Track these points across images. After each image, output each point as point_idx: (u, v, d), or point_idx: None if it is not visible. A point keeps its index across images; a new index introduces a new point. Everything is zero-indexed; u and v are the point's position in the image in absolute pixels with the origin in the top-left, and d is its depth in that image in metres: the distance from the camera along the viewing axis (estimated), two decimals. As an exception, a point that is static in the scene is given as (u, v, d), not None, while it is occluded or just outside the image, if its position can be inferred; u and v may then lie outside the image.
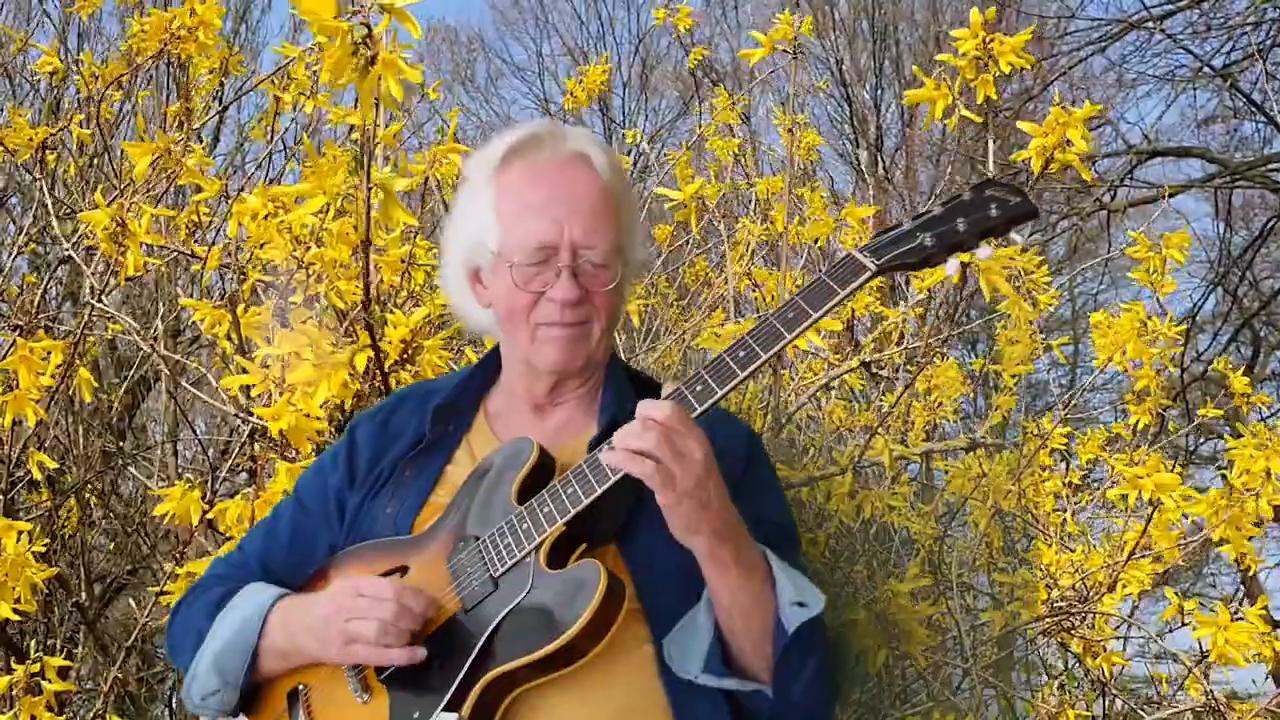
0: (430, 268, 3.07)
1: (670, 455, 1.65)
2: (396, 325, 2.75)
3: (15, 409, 2.97)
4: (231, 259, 2.93)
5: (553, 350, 1.93)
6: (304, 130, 4.69)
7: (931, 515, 3.44)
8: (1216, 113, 11.66)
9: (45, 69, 4.32)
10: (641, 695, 1.79)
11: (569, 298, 1.89)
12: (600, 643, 1.71)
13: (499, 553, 1.80)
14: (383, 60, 1.97)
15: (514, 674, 1.73)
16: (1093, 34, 10.20)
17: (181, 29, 3.46)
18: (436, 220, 4.54)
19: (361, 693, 1.83)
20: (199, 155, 3.29)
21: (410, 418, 2.06)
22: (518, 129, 2.00)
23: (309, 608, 1.89)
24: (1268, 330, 12.56)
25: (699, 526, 1.70)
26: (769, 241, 4.62)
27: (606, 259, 1.91)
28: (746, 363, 1.74)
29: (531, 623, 1.73)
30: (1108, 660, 3.57)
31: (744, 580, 1.75)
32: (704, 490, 1.67)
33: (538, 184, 1.92)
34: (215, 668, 1.92)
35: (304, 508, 2.08)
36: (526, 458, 1.86)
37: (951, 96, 2.69)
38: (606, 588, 1.70)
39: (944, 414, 5.05)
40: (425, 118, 6.47)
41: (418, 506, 1.95)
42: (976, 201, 1.79)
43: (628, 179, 2.02)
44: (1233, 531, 3.23)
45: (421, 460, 2.00)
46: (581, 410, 2.00)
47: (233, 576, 2.05)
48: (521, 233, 1.90)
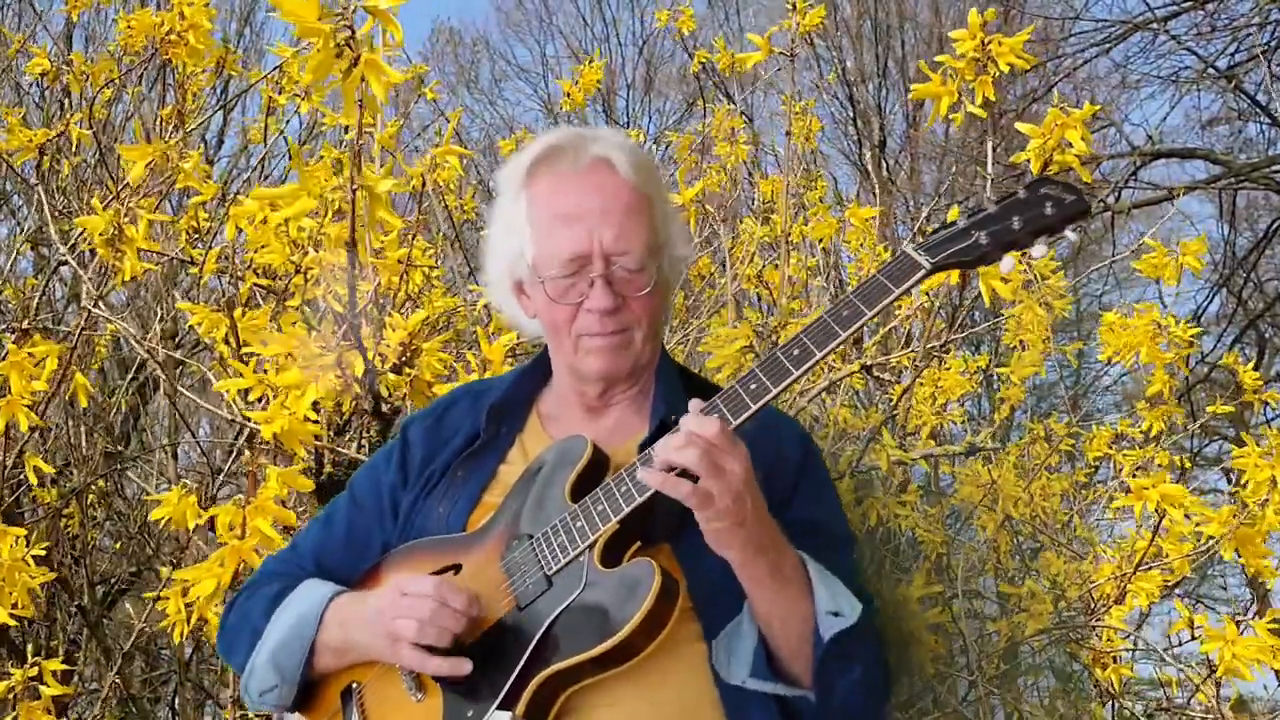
0: (428, 269, 3.05)
1: (709, 472, 1.64)
2: (395, 328, 2.73)
3: (7, 414, 2.95)
4: (229, 263, 2.91)
5: (596, 360, 1.92)
6: (303, 132, 4.68)
7: (939, 521, 3.42)
8: (1221, 114, 11.65)
9: (35, 70, 4.30)
10: (694, 694, 1.78)
11: (605, 307, 1.87)
12: (654, 641, 1.70)
13: (553, 551, 1.79)
14: (365, 61, 1.95)
15: (568, 672, 1.72)
16: (1097, 35, 10.20)
17: (171, 33, 3.43)
18: (436, 222, 4.52)
19: (415, 691, 1.82)
20: (195, 160, 3.27)
21: (464, 417, 2.06)
22: (541, 139, 1.98)
23: (363, 605, 1.88)
24: (1273, 332, 12.54)
25: (732, 542, 1.69)
26: (770, 242, 4.60)
27: (641, 263, 1.89)
28: (801, 360, 1.73)
29: (585, 621, 1.73)
30: (1116, 672, 3.55)
31: (780, 591, 1.74)
32: (741, 507, 1.66)
33: (564, 194, 1.90)
34: (273, 663, 1.92)
35: (358, 505, 2.07)
36: (580, 455, 1.85)
37: (957, 93, 2.67)
38: (661, 586, 1.69)
39: (950, 417, 5.03)
40: (429, 119, 6.46)
41: (470, 506, 1.94)
42: (1031, 199, 1.77)
43: (658, 176, 2.00)
44: (1247, 548, 3.20)
45: (474, 460, 1.99)
46: (633, 411, 1.99)
47: (287, 573, 2.03)
48: (552, 246, 1.89)
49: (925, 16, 16.31)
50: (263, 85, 4.08)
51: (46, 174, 4.12)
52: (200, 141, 6.43)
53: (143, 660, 5.04)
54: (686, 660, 1.78)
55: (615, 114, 17.76)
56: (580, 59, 16.93)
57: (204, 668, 4.61)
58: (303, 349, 2.41)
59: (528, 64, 19.72)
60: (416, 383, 2.72)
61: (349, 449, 3.00)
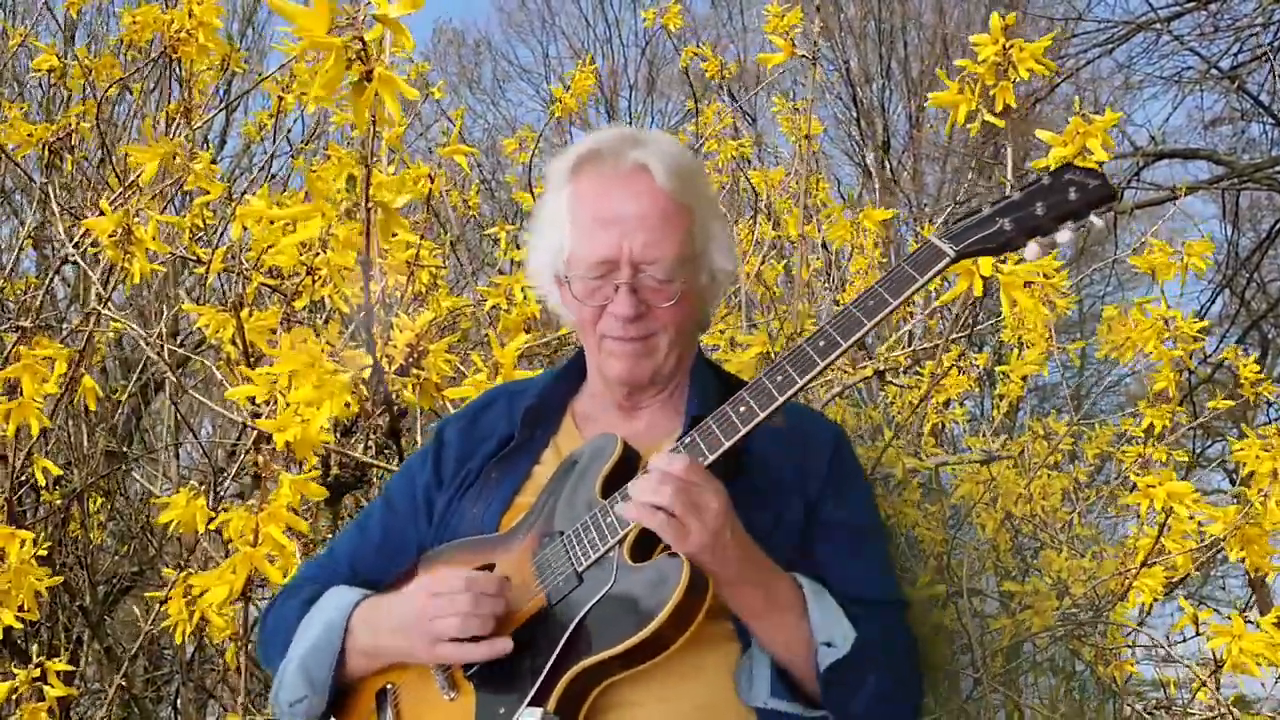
0: (434, 268, 3.05)
1: (684, 509, 1.65)
2: (402, 329, 2.73)
3: (19, 417, 2.95)
4: (235, 262, 2.91)
5: (617, 363, 1.93)
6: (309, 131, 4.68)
7: (940, 520, 3.42)
8: (1224, 114, 11.64)
9: (43, 67, 4.30)
10: (725, 692, 1.79)
11: (626, 314, 1.88)
12: (684, 635, 1.71)
13: (583, 547, 1.80)
14: (379, 77, 1.92)
15: (599, 667, 1.73)
16: (1100, 35, 10.20)
17: (181, 31, 3.44)
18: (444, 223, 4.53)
19: (448, 690, 1.83)
20: (206, 160, 3.27)
21: (498, 419, 2.06)
22: (591, 136, 1.99)
23: (391, 607, 1.88)
24: (1276, 333, 12.52)
25: (717, 576, 1.70)
26: (776, 243, 4.60)
27: (669, 273, 1.88)
28: (827, 351, 1.73)
29: (615, 616, 1.73)
30: (1119, 669, 3.55)
31: (777, 619, 1.76)
32: (719, 542, 1.67)
33: (602, 196, 1.90)
34: (301, 672, 1.92)
35: (393, 508, 2.08)
36: (610, 452, 1.86)
37: (975, 101, 2.67)
38: (689, 579, 1.69)
39: (953, 416, 5.03)
40: (432, 120, 6.45)
41: (503, 507, 1.95)
42: (1055, 185, 1.77)
43: (702, 185, 2.00)
44: (1251, 546, 3.20)
45: (508, 461, 2.00)
46: (667, 412, 1.99)
47: (322, 579, 2.03)
48: (584, 247, 1.90)
49: (929, 18, 16.30)
50: (271, 85, 4.08)
51: (50, 170, 4.13)
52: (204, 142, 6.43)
53: (145, 660, 5.04)
54: (719, 658, 1.79)
55: (618, 114, 17.75)
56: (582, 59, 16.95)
57: (206, 667, 4.60)
58: (318, 366, 2.40)
59: (530, 65, 19.72)
60: (425, 384, 2.72)
61: (355, 450, 3.01)
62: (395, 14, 1.89)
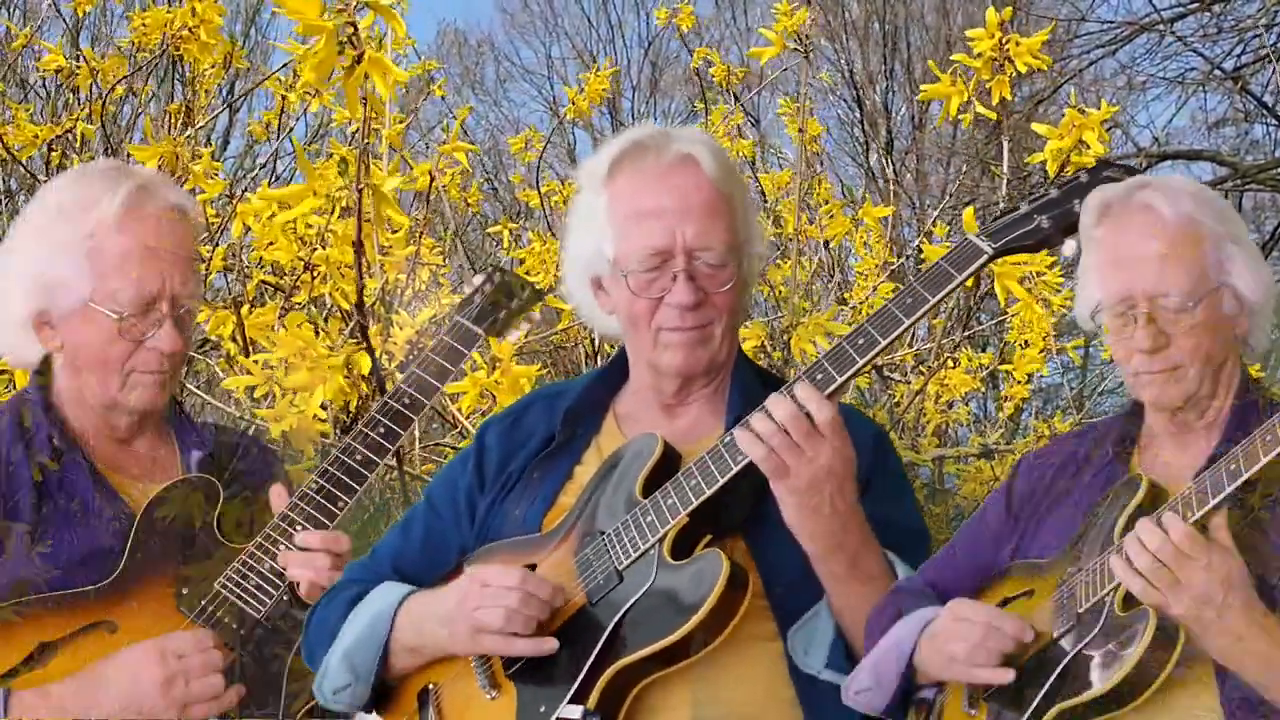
0: (435, 266, 3.05)
1: (784, 447, 1.68)
2: (402, 326, 2.73)
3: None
4: (236, 260, 2.92)
5: (674, 355, 1.92)
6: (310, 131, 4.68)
7: (944, 520, 3.41)
8: (1227, 115, 11.62)
9: (50, 67, 4.32)
10: (768, 691, 1.81)
11: (686, 302, 1.88)
12: (724, 631, 1.72)
13: (623, 546, 1.81)
14: (369, 59, 1.94)
15: (639, 665, 1.75)
16: (1103, 37, 10.19)
17: (183, 29, 3.45)
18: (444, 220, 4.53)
19: (490, 689, 1.85)
20: (206, 159, 3.28)
21: (539, 420, 2.06)
22: (624, 135, 2.01)
23: (437, 601, 1.90)
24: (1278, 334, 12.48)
25: (808, 530, 1.73)
26: (779, 243, 4.60)
27: (723, 259, 1.90)
28: (866, 349, 1.76)
29: (656, 613, 1.75)
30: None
31: (859, 589, 1.78)
32: (818, 495, 1.70)
33: (648, 190, 1.91)
34: (346, 662, 1.93)
35: (435, 510, 2.08)
36: (651, 452, 1.88)
37: (967, 93, 2.67)
38: (729, 575, 1.71)
39: (955, 416, 5.03)
40: (435, 120, 6.46)
41: (545, 508, 1.96)
42: (1093, 183, 1.79)
43: (739, 175, 2.03)
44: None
45: (550, 462, 2.01)
46: (709, 411, 1.99)
47: (366, 579, 2.03)
48: (635, 240, 1.90)
49: (932, 19, 16.30)
50: (274, 84, 4.09)
51: (55, 170, 4.13)
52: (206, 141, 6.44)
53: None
54: (761, 657, 1.81)
55: (621, 115, 17.75)
56: (585, 61, 16.96)
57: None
58: (311, 350, 2.41)
59: (533, 65, 19.68)
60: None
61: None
62: (386, 0, 1.90)
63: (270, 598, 1.97)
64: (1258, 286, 1.78)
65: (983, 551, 1.90)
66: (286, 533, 1.99)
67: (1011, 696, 1.71)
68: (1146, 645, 1.60)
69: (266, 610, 1.96)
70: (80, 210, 1.99)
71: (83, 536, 1.98)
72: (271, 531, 2.00)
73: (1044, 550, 1.82)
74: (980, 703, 1.76)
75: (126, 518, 2.00)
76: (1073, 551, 1.77)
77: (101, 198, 1.98)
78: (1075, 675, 1.67)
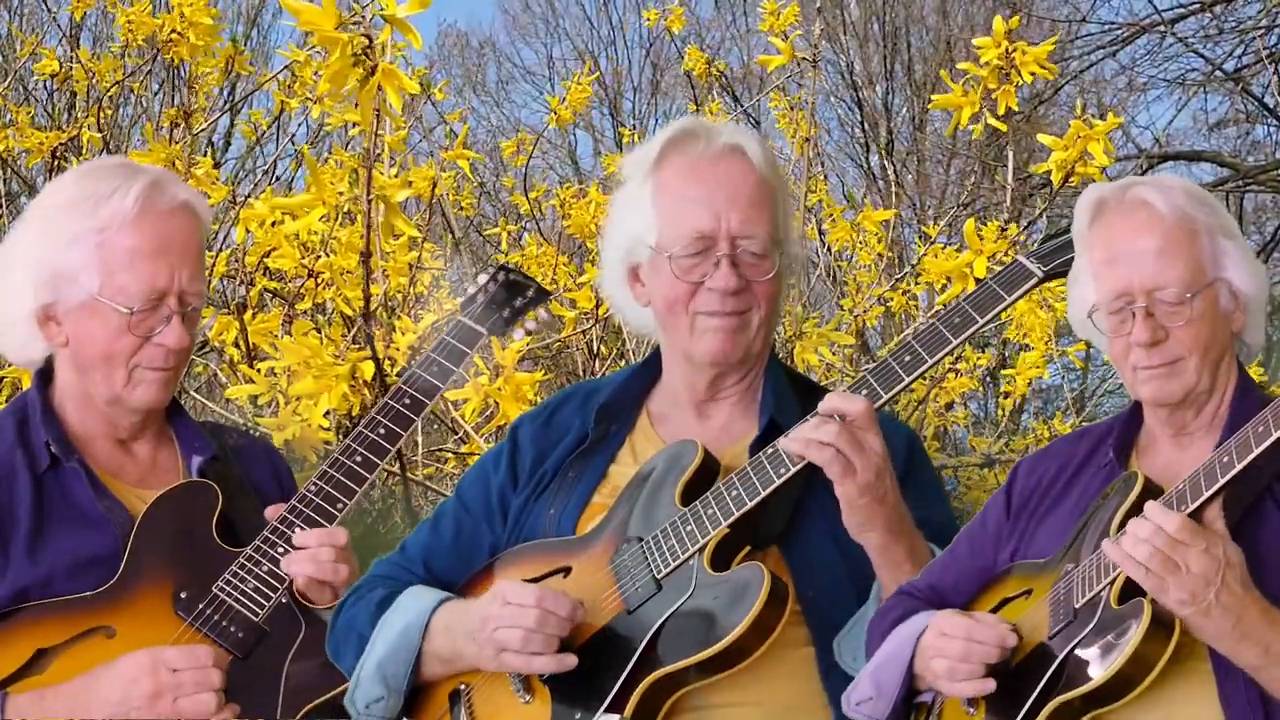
0: (436, 271, 3.05)
1: (850, 446, 1.71)
2: (404, 331, 2.73)
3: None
4: (239, 265, 2.92)
5: (712, 341, 1.93)
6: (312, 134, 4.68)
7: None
8: (1228, 116, 11.63)
9: (45, 71, 4.32)
10: (802, 697, 1.82)
11: (728, 286, 1.89)
12: (763, 645, 1.73)
13: (662, 554, 1.81)
14: (382, 71, 1.95)
15: (677, 676, 1.75)
16: (1104, 38, 10.19)
17: (172, 33, 3.44)
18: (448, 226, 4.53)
19: (524, 693, 1.84)
20: (206, 165, 3.28)
21: (573, 418, 2.07)
22: (673, 126, 2.02)
23: (467, 613, 1.89)
24: (1280, 335, 12.49)
25: (875, 522, 1.75)
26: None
27: (765, 249, 1.92)
28: (912, 367, 1.80)
29: (695, 625, 1.75)
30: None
31: (913, 574, 1.80)
32: (882, 484, 1.73)
33: (695, 178, 1.94)
34: (379, 675, 1.92)
35: (466, 508, 2.08)
36: (691, 460, 1.88)
37: (979, 103, 2.68)
38: (770, 590, 1.71)
39: (954, 419, 5.02)
40: (435, 121, 6.46)
41: (580, 508, 1.96)
42: None
43: (783, 173, 2.05)
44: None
45: (584, 461, 2.01)
46: (741, 410, 2.00)
47: (395, 577, 2.03)
48: (680, 224, 1.92)
49: (932, 20, 16.29)
50: (274, 89, 4.09)
51: (55, 174, 4.13)
52: (207, 144, 6.44)
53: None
54: (795, 663, 1.82)
55: (622, 116, 17.75)
56: (587, 61, 16.93)
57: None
58: (317, 357, 2.40)
59: (534, 66, 19.68)
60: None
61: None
62: (403, 14, 1.91)
63: (269, 601, 1.95)
64: (1252, 281, 1.79)
65: (983, 553, 1.91)
66: (285, 535, 1.97)
67: (1009, 694, 1.72)
68: (1142, 635, 1.61)
69: (264, 613, 1.94)
70: (92, 204, 1.97)
71: (81, 542, 1.96)
72: (270, 534, 1.98)
73: (1043, 551, 1.83)
74: (979, 701, 1.77)
75: (125, 523, 1.98)
76: (1070, 549, 1.78)
77: (114, 192, 1.96)
78: (1072, 669, 1.68)
